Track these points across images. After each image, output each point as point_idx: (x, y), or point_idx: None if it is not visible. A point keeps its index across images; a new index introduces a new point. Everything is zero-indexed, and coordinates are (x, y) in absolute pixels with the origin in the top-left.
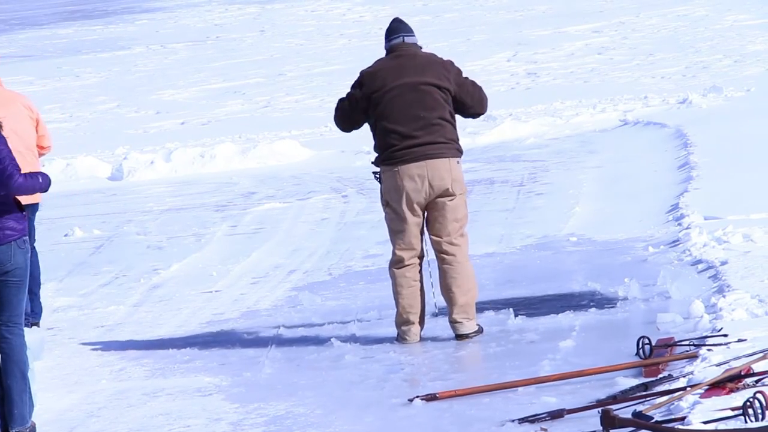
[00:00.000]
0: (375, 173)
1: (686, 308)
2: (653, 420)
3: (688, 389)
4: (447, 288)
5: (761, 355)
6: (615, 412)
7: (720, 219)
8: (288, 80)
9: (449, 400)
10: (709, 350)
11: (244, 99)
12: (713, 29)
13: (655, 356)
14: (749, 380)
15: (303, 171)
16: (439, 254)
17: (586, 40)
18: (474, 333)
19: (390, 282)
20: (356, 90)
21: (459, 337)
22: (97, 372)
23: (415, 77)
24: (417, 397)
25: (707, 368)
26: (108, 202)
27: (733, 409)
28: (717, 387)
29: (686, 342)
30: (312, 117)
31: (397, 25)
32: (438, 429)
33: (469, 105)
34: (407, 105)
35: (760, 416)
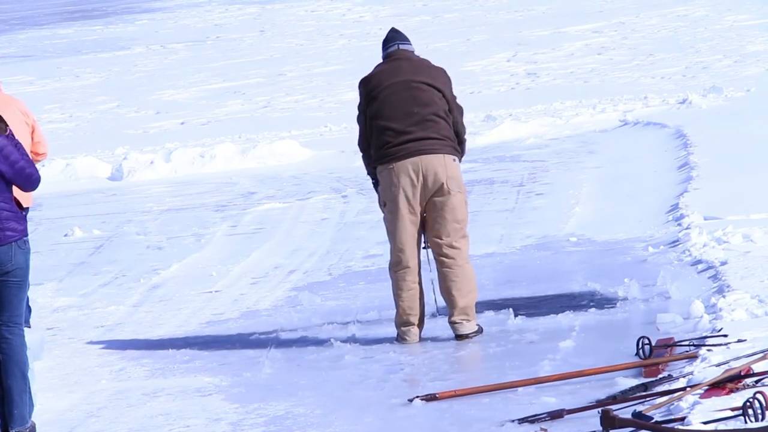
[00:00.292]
0: (373, 181)
1: (686, 308)
2: (653, 420)
3: (688, 389)
4: (447, 291)
5: (761, 356)
6: (615, 413)
7: (720, 219)
8: (288, 80)
9: (449, 401)
10: (709, 350)
11: (244, 99)
12: (713, 29)
13: (655, 356)
14: (749, 380)
15: (303, 171)
16: (439, 257)
17: (586, 41)
18: (474, 333)
19: (390, 283)
20: (360, 111)
21: (459, 338)
22: (97, 372)
23: (409, 76)
24: (417, 398)
25: (707, 368)
26: (108, 202)
27: (733, 410)
28: (717, 387)
29: (686, 342)
30: (312, 117)
31: (393, 35)
32: (438, 429)
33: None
34: (401, 102)
35: (760, 416)
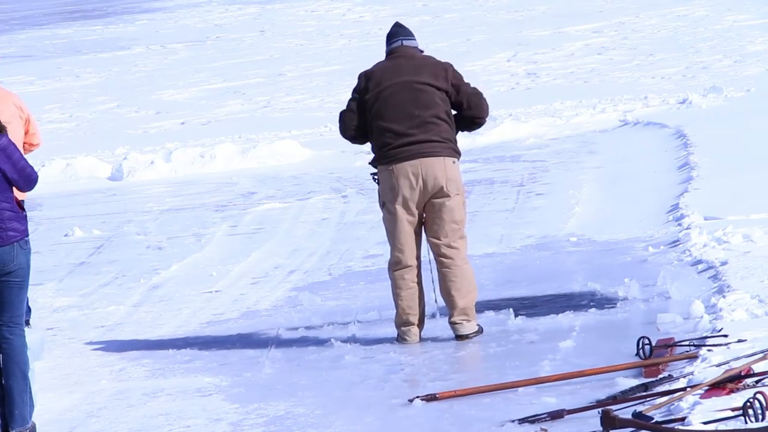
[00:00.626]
0: (373, 175)
1: (686, 308)
2: (653, 420)
3: (688, 390)
4: (446, 291)
5: (761, 356)
6: (615, 413)
7: (720, 219)
8: (288, 80)
9: (449, 401)
10: (709, 351)
11: (244, 99)
12: (713, 29)
13: (655, 356)
14: (749, 381)
15: (303, 171)
16: (438, 257)
17: (586, 41)
18: (474, 333)
19: (390, 283)
20: (355, 93)
21: (459, 338)
22: (97, 372)
23: (411, 76)
24: (417, 398)
25: (707, 369)
26: (108, 202)
27: (734, 410)
28: (717, 387)
29: (686, 342)
30: (312, 117)
31: (397, 30)
32: (438, 429)
33: (466, 107)
34: (402, 103)
35: (761, 417)
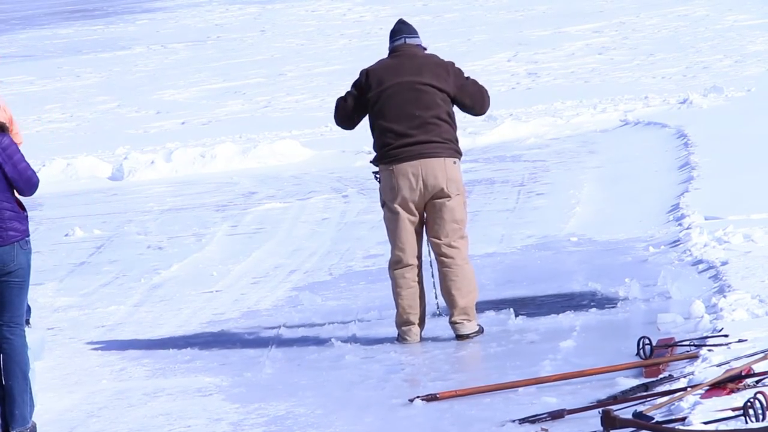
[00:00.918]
0: (375, 173)
1: (687, 308)
2: (654, 420)
3: (689, 390)
4: (447, 291)
5: (762, 356)
6: (615, 413)
7: (720, 219)
8: (288, 80)
9: (450, 401)
10: (710, 350)
11: (245, 99)
12: (714, 29)
13: (656, 356)
14: (750, 381)
15: (303, 171)
16: (439, 257)
17: (587, 40)
18: (474, 333)
19: (390, 282)
20: (354, 88)
21: (459, 338)
22: (98, 372)
23: (412, 77)
24: (417, 398)
25: (708, 368)
26: (108, 202)
27: (734, 410)
28: (718, 387)
29: (687, 342)
30: (312, 117)
31: (400, 27)
32: (438, 429)
33: (469, 106)
34: (403, 104)
35: (761, 417)
